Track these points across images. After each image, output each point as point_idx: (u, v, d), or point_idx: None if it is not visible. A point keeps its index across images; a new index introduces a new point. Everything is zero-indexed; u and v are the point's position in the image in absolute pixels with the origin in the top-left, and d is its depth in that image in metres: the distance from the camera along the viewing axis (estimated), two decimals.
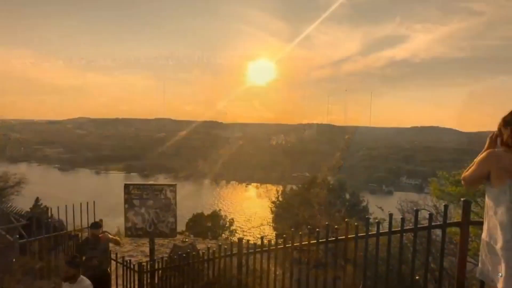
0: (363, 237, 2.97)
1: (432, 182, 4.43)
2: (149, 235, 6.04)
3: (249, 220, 15.15)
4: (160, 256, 7.05)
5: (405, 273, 3.52)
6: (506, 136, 1.76)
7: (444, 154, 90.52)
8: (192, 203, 54.42)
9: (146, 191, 5.93)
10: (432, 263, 3.61)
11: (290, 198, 13.76)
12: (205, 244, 10.04)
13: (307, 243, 3.37)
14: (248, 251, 4.00)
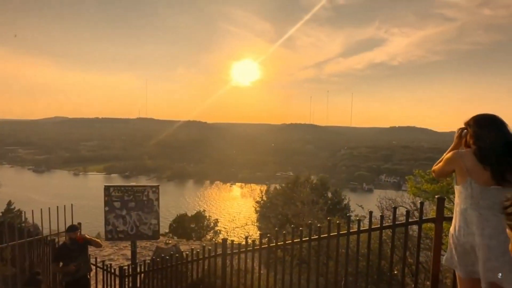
0: (344, 234, 3.06)
1: (409, 180, 4.62)
2: (131, 238, 5.89)
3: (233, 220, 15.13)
4: (142, 259, 6.91)
5: (384, 268, 3.66)
6: (468, 137, 1.90)
7: (420, 153, 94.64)
8: (176, 204, 53.61)
9: (127, 192, 5.78)
10: (409, 258, 3.77)
11: (274, 197, 13.87)
12: (189, 246, 9.94)
13: (291, 241, 3.43)
14: (232, 251, 4.01)
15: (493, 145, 1.75)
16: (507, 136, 1.76)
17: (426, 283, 2.99)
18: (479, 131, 1.83)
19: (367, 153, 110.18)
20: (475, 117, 1.90)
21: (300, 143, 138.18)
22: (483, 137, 1.80)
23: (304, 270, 3.37)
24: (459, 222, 1.88)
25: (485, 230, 1.74)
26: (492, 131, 1.79)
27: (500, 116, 1.86)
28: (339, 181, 70.34)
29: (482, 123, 1.84)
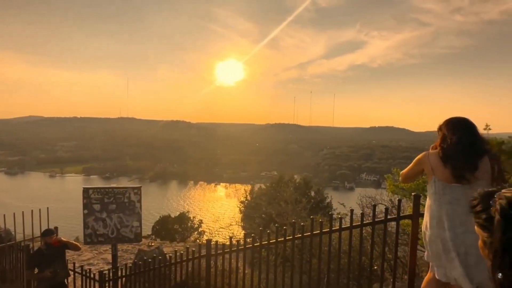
0: (327, 232, 3.13)
1: (388, 179, 4.80)
2: (112, 241, 5.74)
3: (218, 220, 15.05)
4: (124, 262, 6.74)
5: (365, 264, 3.77)
6: (438, 139, 2.04)
7: (398, 152, 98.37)
8: (159, 206, 52.60)
9: (107, 195, 5.62)
10: (388, 253, 3.91)
11: (258, 197, 13.92)
12: (172, 248, 9.79)
13: (275, 241, 3.46)
14: (216, 252, 4.00)
15: (455, 146, 1.88)
16: (471, 138, 1.88)
17: (404, 277, 3.12)
18: (445, 133, 1.98)
19: (348, 153, 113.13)
20: (445, 120, 2.04)
21: (284, 143, 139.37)
22: (447, 139, 1.93)
23: (288, 269, 3.41)
24: (426, 217, 2.05)
25: (445, 223, 1.89)
26: (456, 133, 1.91)
27: (470, 118, 1.98)
28: (322, 180, 71.65)
29: (449, 126, 1.97)
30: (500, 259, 0.63)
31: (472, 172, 1.81)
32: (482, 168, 1.80)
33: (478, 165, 1.80)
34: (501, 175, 1.79)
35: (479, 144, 1.86)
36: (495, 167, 1.78)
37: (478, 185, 1.77)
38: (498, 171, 1.78)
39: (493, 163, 1.79)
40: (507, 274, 0.62)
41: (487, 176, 1.79)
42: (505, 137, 3.83)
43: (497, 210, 0.64)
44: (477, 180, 1.80)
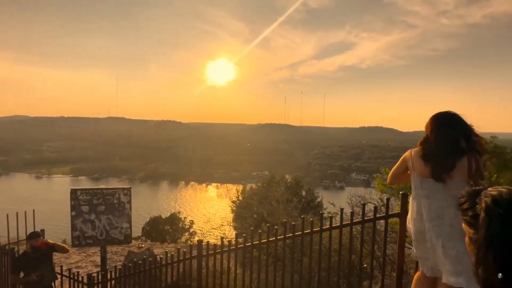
0: (317, 231, 3.16)
1: (377, 178, 4.88)
2: (101, 243, 5.64)
3: (209, 221, 14.96)
4: (113, 265, 6.63)
5: (355, 262, 3.83)
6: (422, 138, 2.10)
7: (387, 152, 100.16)
8: (149, 206, 51.93)
9: (96, 196, 5.53)
10: (377, 251, 3.98)
11: (250, 197, 13.92)
12: (163, 249, 9.69)
13: (266, 240, 3.48)
14: (208, 253, 3.98)
15: (434, 147, 1.93)
16: (450, 137, 1.89)
17: (393, 274, 3.19)
18: (428, 133, 2.02)
19: (339, 152, 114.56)
20: (431, 117, 2.06)
21: (275, 143, 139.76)
22: (429, 139, 1.98)
23: (279, 268, 3.43)
24: (409, 213, 2.14)
25: (423, 216, 1.97)
26: (437, 132, 1.95)
27: (457, 114, 1.99)
28: (313, 180, 72.23)
29: (432, 123, 2.01)
30: (483, 255, 0.65)
31: (448, 172, 1.86)
32: (459, 167, 1.84)
33: (455, 164, 1.84)
34: (478, 172, 1.82)
35: (457, 143, 1.88)
36: (472, 165, 1.81)
37: (454, 182, 1.85)
38: (475, 169, 1.81)
39: (471, 161, 1.82)
40: (489, 269, 0.64)
41: (463, 174, 1.83)
42: (487, 137, 3.95)
43: (482, 208, 0.66)
44: (454, 178, 1.86)
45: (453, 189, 1.85)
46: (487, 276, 0.64)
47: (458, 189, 1.82)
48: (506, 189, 0.67)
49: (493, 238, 0.63)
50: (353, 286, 3.29)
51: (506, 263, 0.61)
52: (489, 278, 0.64)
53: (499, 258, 0.62)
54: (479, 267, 0.66)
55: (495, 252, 0.63)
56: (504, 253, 0.61)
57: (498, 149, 3.64)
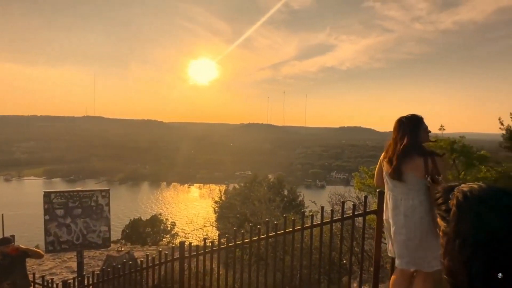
0: (299, 230, 3.23)
1: (355, 176, 5.05)
2: (77, 248, 5.44)
3: (191, 222, 14.79)
4: (90, 270, 6.42)
5: (335, 259, 3.94)
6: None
7: (365, 151, 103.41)
8: (130, 209, 50.47)
9: (72, 198, 5.31)
10: (356, 247, 4.11)
11: (233, 197, 13.89)
12: (144, 252, 9.48)
13: (249, 240, 3.50)
14: (190, 254, 3.95)
15: (394, 150, 2.18)
16: (412, 138, 2.13)
17: (370, 269, 3.30)
18: (393, 135, 2.26)
19: (320, 152, 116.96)
20: (395, 121, 2.28)
21: (258, 143, 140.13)
22: (396, 140, 2.21)
23: (262, 267, 3.47)
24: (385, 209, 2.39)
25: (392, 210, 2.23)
26: (397, 135, 2.20)
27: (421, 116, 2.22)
28: (295, 179, 73.08)
29: (396, 127, 2.24)
30: (451, 246, 0.68)
31: (406, 170, 2.11)
32: (416, 165, 2.08)
33: (412, 163, 2.09)
34: (435, 170, 2.04)
35: (415, 144, 2.11)
36: (428, 163, 2.04)
37: (412, 178, 2.10)
38: (432, 167, 2.04)
39: (427, 160, 2.05)
40: (455, 260, 0.67)
41: (420, 171, 2.07)
42: (456, 136, 4.20)
43: (454, 203, 0.70)
44: (411, 175, 2.10)
45: (411, 185, 2.11)
46: (452, 266, 0.68)
47: (416, 185, 2.08)
48: (477, 185, 0.70)
49: (461, 231, 0.67)
50: (334, 282, 3.39)
51: (470, 257, 0.64)
52: (454, 268, 0.67)
53: (465, 251, 0.65)
54: (445, 258, 0.70)
55: (461, 244, 0.66)
56: (470, 246, 0.65)
57: (465, 148, 3.87)
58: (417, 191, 2.10)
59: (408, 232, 2.10)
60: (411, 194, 2.12)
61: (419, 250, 2.09)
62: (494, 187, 0.70)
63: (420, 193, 2.09)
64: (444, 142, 3.91)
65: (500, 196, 0.67)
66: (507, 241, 0.62)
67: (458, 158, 3.67)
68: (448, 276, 0.69)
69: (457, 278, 0.67)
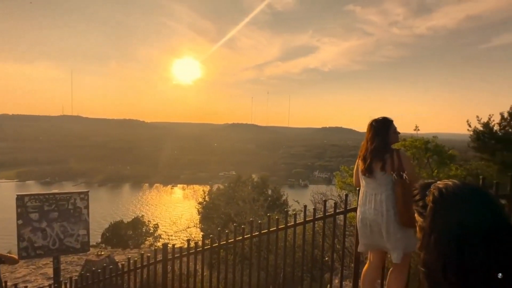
0: (283, 228, 3.27)
1: (336, 176, 5.18)
2: (54, 254, 5.22)
3: (174, 223, 14.51)
4: (68, 276, 6.20)
5: (317, 256, 4.02)
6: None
7: (346, 151, 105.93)
8: (110, 211, 48.93)
9: (48, 202, 5.09)
10: (338, 244, 4.22)
11: (217, 197, 13.81)
12: (125, 255, 9.25)
13: (233, 240, 3.51)
14: (174, 256, 3.90)
15: (365, 150, 2.39)
16: (382, 139, 2.32)
17: (351, 265, 3.40)
18: (366, 136, 2.46)
19: (303, 152, 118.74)
20: (368, 123, 2.46)
21: (242, 143, 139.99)
22: (368, 141, 2.41)
23: (246, 267, 3.49)
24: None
25: (362, 206, 2.43)
26: (369, 136, 2.40)
27: (391, 119, 2.41)
28: (279, 178, 73.67)
29: (368, 129, 2.44)
30: (427, 241, 0.72)
31: (375, 169, 2.32)
32: (384, 164, 2.28)
33: (381, 162, 2.29)
34: (400, 168, 2.24)
35: (384, 144, 2.31)
36: (394, 162, 2.24)
37: (381, 175, 2.30)
38: (398, 165, 2.24)
39: (393, 159, 2.25)
40: (431, 253, 0.71)
41: (388, 169, 2.27)
42: (430, 136, 4.42)
43: (430, 199, 0.74)
44: (381, 172, 2.29)
45: (380, 180, 2.32)
46: (428, 259, 0.72)
47: (384, 180, 2.27)
48: (451, 182, 0.74)
49: (436, 226, 0.71)
50: (316, 279, 3.46)
51: (444, 250, 0.68)
52: (429, 261, 0.71)
53: (439, 244, 0.69)
54: (422, 251, 0.74)
55: (437, 238, 0.70)
56: (444, 240, 0.69)
57: (438, 148, 4.08)
58: (385, 186, 2.28)
59: (375, 225, 2.30)
60: (379, 189, 2.32)
61: (384, 240, 2.28)
62: (467, 184, 0.74)
63: (388, 187, 2.28)
64: (418, 142, 4.13)
65: (473, 192, 0.71)
66: (478, 235, 0.65)
67: (431, 157, 3.87)
68: (424, 268, 0.72)
69: (433, 270, 0.70)
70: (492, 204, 0.70)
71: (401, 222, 2.20)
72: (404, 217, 2.18)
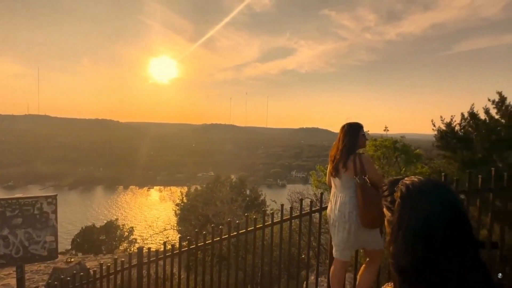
0: (260, 228, 3.29)
1: (312, 175, 5.31)
2: (17, 263, 4.89)
3: (150, 226, 14.11)
4: (34, 286, 5.84)
5: (294, 254, 4.09)
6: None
7: (322, 151, 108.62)
8: (81, 216, 46.63)
9: (10, 207, 4.75)
10: (314, 242, 4.32)
11: (194, 198, 13.62)
12: (97, 261, 8.86)
13: (211, 241, 3.48)
14: (149, 260, 3.80)
15: (338, 148, 2.51)
16: (349, 143, 2.47)
17: (326, 261, 3.50)
18: (337, 138, 2.58)
19: (281, 152, 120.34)
20: (340, 128, 2.61)
21: (221, 143, 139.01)
22: (338, 143, 2.55)
23: (224, 267, 3.47)
24: None
25: (333, 205, 2.54)
26: (339, 139, 2.54)
27: (361, 124, 2.56)
28: (257, 178, 74.05)
29: (340, 133, 2.57)
30: (395, 235, 0.76)
31: (341, 170, 2.46)
32: (348, 166, 2.42)
33: (345, 165, 2.42)
34: (362, 170, 2.36)
35: (350, 148, 2.45)
36: (357, 165, 2.37)
37: (346, 177, 2.42)
38: (360, 168, 2.37)
39: (355, 162, 2.38)
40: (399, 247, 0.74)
41: (350, 171, 2.40)
42: (398, 137, 4.68)
43: (398, 195, 0.78)
44: (345, 174, 2.42)
45: (345, 182, 2.44)
46: (397, 252, 0.75)
47: (348, 183, 2.39)
48: (417, 179, 0.79)
49: (404, 220, 0.74)
50: (293, 276, 3.52)
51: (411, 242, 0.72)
52: (398, 254, 0.75)
53: (407, 237, 0.73)
54: (390, 244, 0.77)
55: (404, 232, 0.74)
56: (411, 232, 0.73)
57: (405, 147, 4.33)
58: (349, 189, 2.42)
59: (339, 225, 2.43)
60: (344, 191, 2.45)
61: (349, 241, 2.41)
62: (432, 180, 0.79)
63: (351, 190, 2.42)
64: (388, 142, 4.37)
65: (436, 188, 0.76)
66: (440, 227, 0.70)
67: (399, 156, 4.10)
68: (393, 260, 0.76)
69: (401, 263, 0.74)
70: (452, 198, 0.75)
71: (363, 224, 2.31)
72: (364, 219, 2.29)
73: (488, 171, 2.65)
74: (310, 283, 3.23)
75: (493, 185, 2.64)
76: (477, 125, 3.63)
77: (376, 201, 2.25)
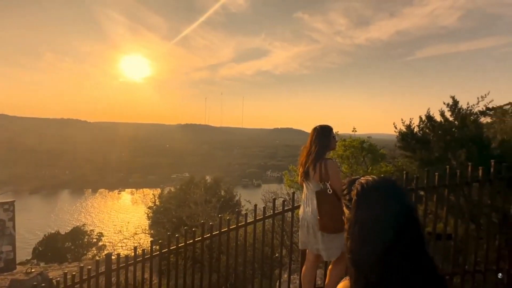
0: (234, 228, 3.29)
1: (285, 174, 5.41)
2: None
3: (120, 231, 13.58)
4: None
5: (268, 253, 4.13)
6: None
7: (297, 151, 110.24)
8: (44, 222, 43.62)
9: None
10: (287, 240, 4.39)
11: (168, 201, 13.28)
12: (62, 270, 8.33)
13: (184, 244, 3.42)
14: (118, 266, 3.65)
15: (309, 150, 2.56)
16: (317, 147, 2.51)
17: (299, 259, 3.57)
18: (308, 141, 2.64)
19: (256, 152, 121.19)
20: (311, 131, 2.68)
21: (196, 144, 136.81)
22: (308, 146, 2.60)
23: (198, 270, 3.42)
24: None
25: (305, 207, 2.60)
26: (313, 142, 2.58)
27: (331, 127, 2.64)
28: (233, 179, 73.78)
29: (311, 135, 2.63)
30: (352, 230, 0.81)
31: (310, 173, 2.50)
32: (315, 171, 2.46)
33: (313, 169, 2.47)
34: (325, 176, 2.41)
35: (319, 153, 2.49)
36: (322, 170, 2.42)
37: (314, 181, 2.47)
38: (324, 173, 2.42)
39: (321, 167, 2.42)
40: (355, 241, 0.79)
41: (318, 175, 2.45)
42: (365, 137, 4.94)
43: (354, 193, 0.83)
44: (313, 178, 2.47)
45: (312, 186, 2.50)
46: (354, 247, 0.80)
47: (315, 187, 2.45)
48: (371, 178, 0.85)
49: (359, 217, 0.80)
50: (267, 275, 3.56)
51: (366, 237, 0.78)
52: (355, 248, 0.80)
53: (362, 232, 0.78)
54: (348, 240, 0.82)
55: (359, 228, 0.79)
56: (365, 228, 0.78)
57: (372, 147, 4.57)
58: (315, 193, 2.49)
59: (311, 227, 2.50)
60: (311, 194, 2.52)
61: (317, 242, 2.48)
62: (386, 178, 0.86)
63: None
64: (356, 142, 4.60)
65: (387, 186, 0.82)
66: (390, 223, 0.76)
67: (366, 156, 4.32)
68: (350, 255, 0.81)
69: (356, 257, 0.79)
70: (402, 196, 0.82)
71: (325, 230, 2.37)
72: (327, 226, 2.35)
73: (445, 169, 2.86)
74: (283, 281, 3.28)
75: (448, 182, 2.87)
76: (433, 126, 3.93)
77: (331, 209, 2.30)
